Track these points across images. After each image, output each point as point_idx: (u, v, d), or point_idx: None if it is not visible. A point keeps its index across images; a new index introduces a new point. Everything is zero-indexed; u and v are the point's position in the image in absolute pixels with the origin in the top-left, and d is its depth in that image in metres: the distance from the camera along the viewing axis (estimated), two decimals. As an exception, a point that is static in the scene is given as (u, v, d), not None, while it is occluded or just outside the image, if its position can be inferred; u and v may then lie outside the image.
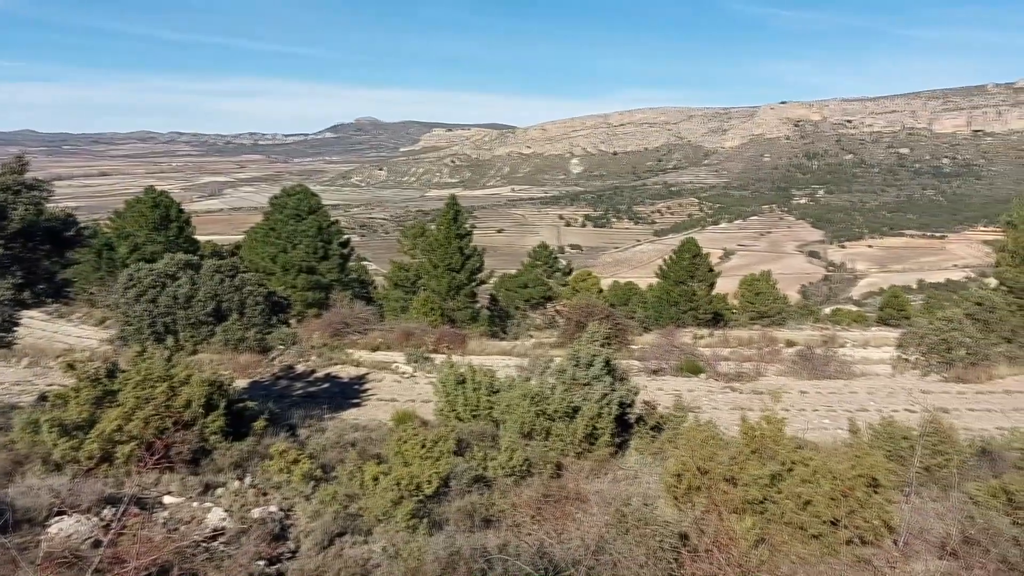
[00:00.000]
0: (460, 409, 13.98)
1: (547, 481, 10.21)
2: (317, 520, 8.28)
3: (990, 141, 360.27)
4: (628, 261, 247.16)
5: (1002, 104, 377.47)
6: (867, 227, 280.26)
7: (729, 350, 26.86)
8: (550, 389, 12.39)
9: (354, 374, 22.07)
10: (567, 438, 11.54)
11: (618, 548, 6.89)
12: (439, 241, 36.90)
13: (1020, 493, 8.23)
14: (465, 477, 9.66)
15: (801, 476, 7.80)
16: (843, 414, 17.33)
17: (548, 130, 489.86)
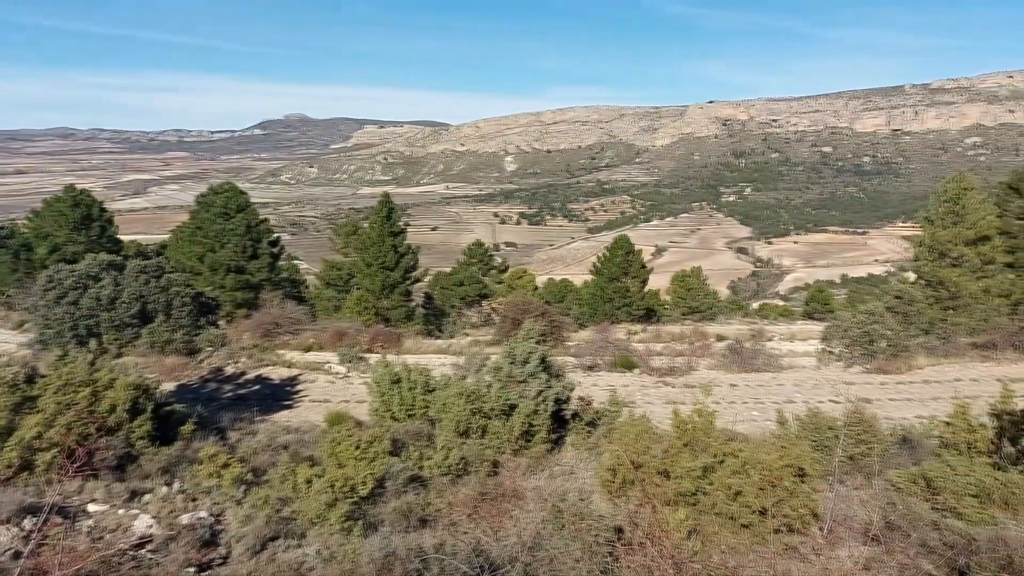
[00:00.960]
0: (395, 409, 13.86)
1: (484, 479, 10.19)
2: (249, 524, 8.13)
3: (908, 140, 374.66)
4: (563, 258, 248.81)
5: (919, 104, 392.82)
6: (793, 224, 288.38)
7: (662, 345, 27.27)
8: (486, 387, 12.37)
9: (286, 375, 21.69)
10: (504, 436, 11.54)
11: (554, 544, 6.92)
12: (372, 239, 36.49)
13: (938, 479, 8.55)
14: (401, 477, 9.58)
15: (732, 467, 7.96)
16: (771, 406, 17.75)
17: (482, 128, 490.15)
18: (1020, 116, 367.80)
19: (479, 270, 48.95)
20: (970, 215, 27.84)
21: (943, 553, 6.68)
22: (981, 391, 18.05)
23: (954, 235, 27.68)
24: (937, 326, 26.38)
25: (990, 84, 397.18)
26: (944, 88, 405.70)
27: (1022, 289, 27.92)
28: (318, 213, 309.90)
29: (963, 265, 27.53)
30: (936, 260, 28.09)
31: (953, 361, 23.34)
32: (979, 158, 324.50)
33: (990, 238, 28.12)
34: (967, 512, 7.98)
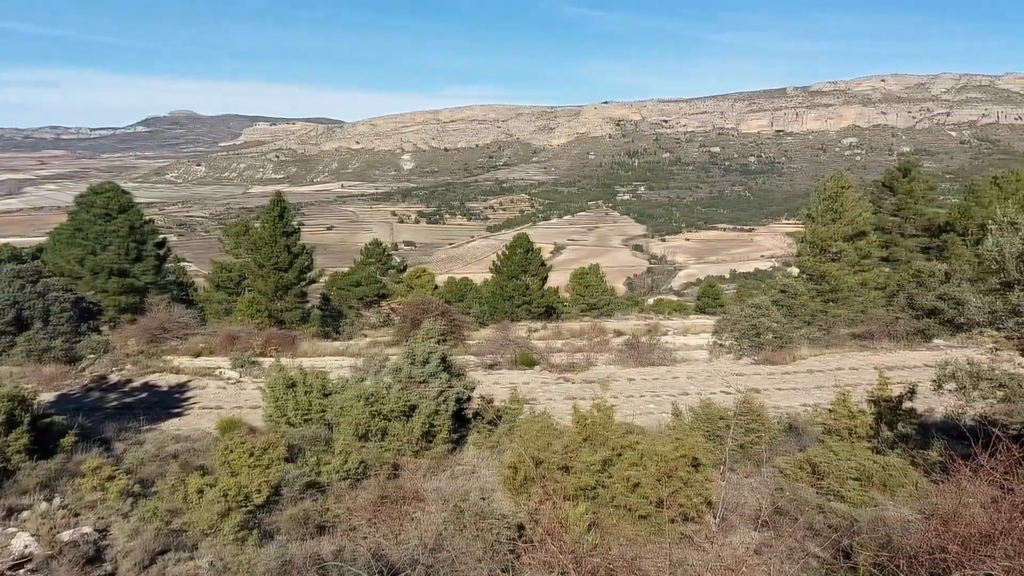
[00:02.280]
0: (291, 414, 13.48)
1: (384, 482, 10.03)
2: (136, 539, 7.79)
3: (790, 140, 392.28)
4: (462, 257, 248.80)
5: (800, 106, 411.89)
6: (684, 221, 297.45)
7: (562, 342, 27.57)
8: (386, 388, 12.18)
9: (174, 382, 20.81)
10: (404, 437, 11.39)
11: (456, 544, 6.87)
12: (264, 239, 35.42)
13: (823, 464, 8.94)
14: (297, 484, 9.32)
15: (630, 460, 8.09)
16: (667, 399, 18.18)
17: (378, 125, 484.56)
18: (892, 118, 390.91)
19: (377, 270, 48.28)
20: (848, 212, 29.30)
21: (828, 535, 6.96)
22: (860, 379, 18.99)
23: (833, 231, 29.07)
24: (819, 318, 27.66)
25: (865, 87, 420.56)
26: (823, 91, 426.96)
27: (896, 282, 29.60)
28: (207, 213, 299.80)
29: (842, 259, 28.96)
30: (817, 255, 29.45)
31: (834, 351, 24.48)
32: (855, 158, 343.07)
33: (866, 234, 29.70)
34: (850, 495, 8.36)
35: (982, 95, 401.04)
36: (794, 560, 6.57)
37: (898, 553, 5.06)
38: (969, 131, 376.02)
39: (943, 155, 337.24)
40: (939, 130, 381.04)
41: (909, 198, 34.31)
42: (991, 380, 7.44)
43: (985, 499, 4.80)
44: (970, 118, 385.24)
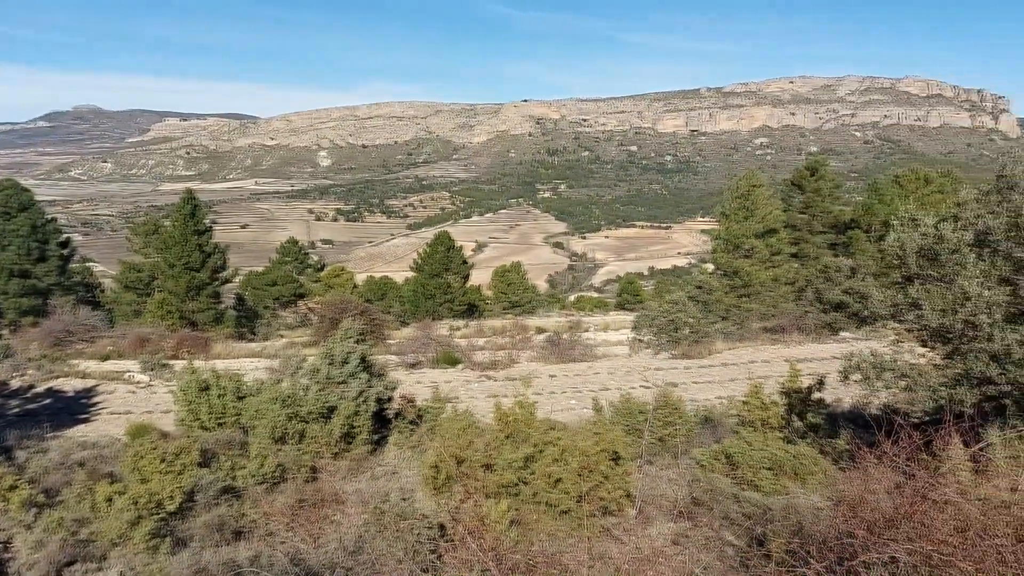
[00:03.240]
0: (204, 418, 13.07)
1: (302, 486, 9.83)
2: (41, 551, 7.46)
3: (705, 140, 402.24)
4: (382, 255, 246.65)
5: (714, 107, 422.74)
6: (604, 219, 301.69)
7: (484, 340, 27.57)
8: (303, 390, 11.93)
9: (81, 387, 19.94)
10: (323, 439, 11.18)
11: (377, 546, 6.78)
12: (175, 238, 34.29)
13: (737, 455, 9.16)
14: (212, 489, 9.05)
15: (552, 456, 8.13)
16: (588, 394, 18.35)
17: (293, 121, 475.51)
18: (801, 119, 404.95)
19: (294, 269, 47.42)
20: (759, 210, 30.21)
21: (743, 523, 7.14)
22: (772, 371, 19.56)
23: (746, 228, 29.93)
24: (733, 313, 28.44)
25: (775, 89, 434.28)
26: (735, 92, 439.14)
27: (805, 277, 30.66)
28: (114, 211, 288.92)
29: (754, 256, 29.85)
30: (731, 252, 30.27)
31: (748, 344, 25.19)
32: (766, 157, 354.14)
33: (777, 231, 30.69)
34: (763, 484, 8.59)
35: (884, 97, 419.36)
36: (710, 549, 6.72)
37: (809, 539, 5.22)
38: (872, 132, 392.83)
39: (848, 155, 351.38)
40: (844, 131, 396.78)
41: (817, 196, 35.55)
42: (894, 371, 7.75)
43: (889, 485, 4.98)
44: (873, 119, 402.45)
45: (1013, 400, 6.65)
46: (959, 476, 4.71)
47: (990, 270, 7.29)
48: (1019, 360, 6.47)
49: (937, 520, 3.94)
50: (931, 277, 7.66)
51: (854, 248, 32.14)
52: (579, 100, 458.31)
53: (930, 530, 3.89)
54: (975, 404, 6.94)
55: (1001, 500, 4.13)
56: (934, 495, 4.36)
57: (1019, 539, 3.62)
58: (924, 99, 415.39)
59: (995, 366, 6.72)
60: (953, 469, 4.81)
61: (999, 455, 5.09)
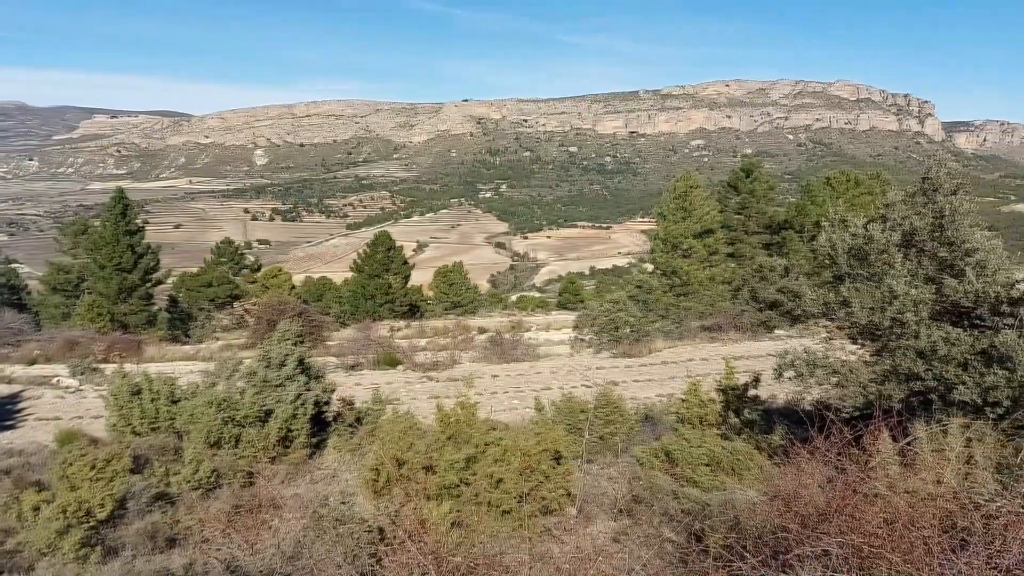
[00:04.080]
0: (136, 423, 12.70)
1: (238, 491, 9.63)
2: (-40, 566, 7.11)
3: (644, 141, 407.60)
4: (321, 256, 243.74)
5: (652, 109, 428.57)
6: (545, 219, 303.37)
7: (426, 340, 27.45)
8: (239, 393, 11.69)
9: (6, 392, 19.19)
10: (260, 443, 10.96)
11: (315, 551, 6.68)
12: (105, 239, 33.26)
13: (676, 452, 9.29)
14: (145, 496, 8.80)
15: (494, 456, 8.12)
16: (530, 394, 18.37)
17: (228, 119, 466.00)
18: (736, 121, 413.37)
19: (230, 269, 46.46)
20: (696, 210, 30.74)
21: (682, 520, 7.24)
22: (710, 369, 19.88)
23: (684, 229, 30.42)
24: (672, 312, 28.86)
25: (711, 92, 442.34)
26: (672, 94, 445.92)
27: (741, 276, 31.29)
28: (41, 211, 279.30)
29: (692, 256, 30.36)
30: (669, 251, 30.74)
31: (686, 343, 25.58)
32: (703, 159, 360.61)
33: (714, 231, 31.27)
34: (701, 480, 8.72)
35: (816, 101, 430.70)
36: (650, 546, 6.79)
37: (745, 534, 5.31)
38: (805, 134, 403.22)
39: (782, 157, 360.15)
40: (778, 133, 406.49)
41: (752, 197, 36.31)
42: (825, 367, 7.94)
43: (821, 479, 5.10)
44: (805, 122, 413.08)
45: (938, 395, 6.88)
46: (888, 470, 4.86)
47: (916, 269, 7.54)
48: (944, 356, 6.70)
49: (867, 513, 4.05)
50: (860, 276, 7.88)
51: (788, 248, 32.91)
52: (520, 100, 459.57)
53: (860, 523, 3.99)
54: (903, 399, 7.16)
55: (927, 492, 4.27)
56: (864, 488, 4.48)
57: (944, 530, 3.74)
58: (854, 103, 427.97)
59: (921, 362, 6.94)
60: (882, 463, 4.95)
61: (925, 449, 5.26)
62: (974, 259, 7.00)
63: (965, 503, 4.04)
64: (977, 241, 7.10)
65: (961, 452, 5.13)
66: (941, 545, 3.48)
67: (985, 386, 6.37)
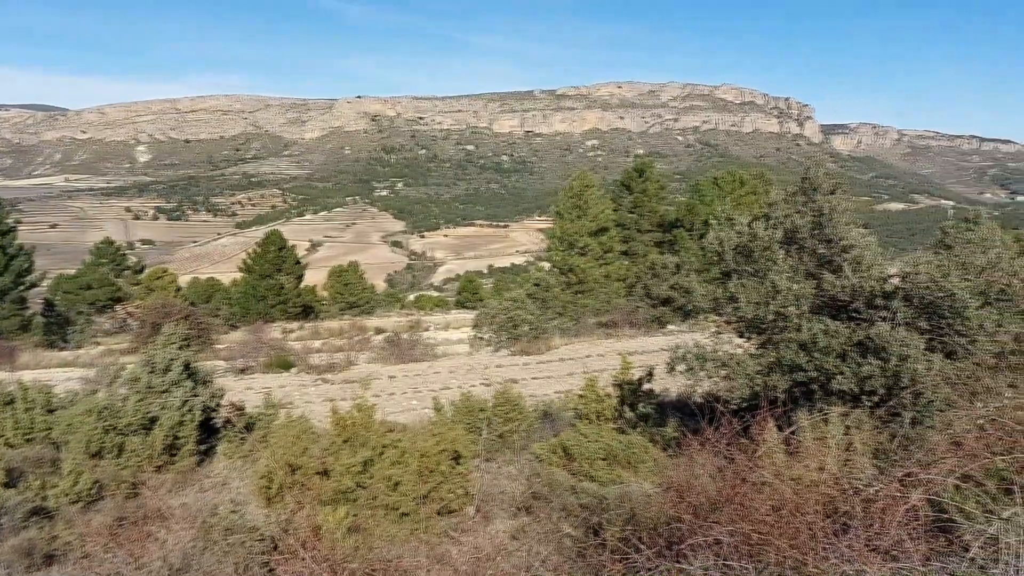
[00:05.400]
0: (10, 434, 11.93)
1: (122, 503, 9.18)
2: None
3: (539, 141, 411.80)
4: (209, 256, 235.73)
5: (547, 108, 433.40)
6: (443, 218, 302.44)
7: (320, 342, 26.92)
8: (122, 401, 11.14)
9: None
10: (144, 452, 10.48)
11: (205, 563, 6.43)
12: (-27, 239, 31.20)
13: (574, 447, 9.41)
14: (20, 511, 8.29)
15: (392, 459, 8.01)
16: (429, 394, 18.24)
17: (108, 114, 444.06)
18: (628, 122, 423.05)
19: (111, 271, 44.30)
20: (591, 209, 31.30)
21: (580, 514, 7.32)
22: (606, 365, 20.23)
23: (579, 227, 30.92)
24: (569, 309, 29.29)
25: (604, 93, 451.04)
26: (567, 95, 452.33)
27: (635, 273, 32.04)
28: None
29: (588, 254, 30.90)
30: (566, 250, 31.19)
31: (583, 339, 25.98)
32: (597, 158, 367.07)
33: (608, 229, 31.92)
34: (599, 475, 8.86)
35: (703, 103, 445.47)
36: (549, 542, 6.84)
37: (640, 526, 5.42)
38: (693, 136, 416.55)
39: (672, 157, 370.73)
40: (668, 134, 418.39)
41: (644, 196, 37.20)
42: (715, 361, 8.19)
43: (712, 469, 5.25)
44: (694, 124, 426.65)
45: (819, 385, 7.21)
46: (774, 458, 5.04)
47: (797, 265, 7.88)
48: (824, 348, 7.02)
49: (756, 501, 4.19)
50: (746, 272, 8.17)
51: (679, 246, 33.88)
52: (415, 98, 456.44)
53: (749, 511, 4.12)
54: (786, 390, 7.46)
55: (811, 479, 4.45)
56: (752, 477, 4.63)
57: (827, 515, 3.91)
58: (739, 106, 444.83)
59: (803, 354, 7.25)
60: (768, 452, 5.13)
61: (808, 437, 5.48)
62: (851, 255, 7.36)
63: (846, 488, 4.23)
64: (853, 238, 7.47)
65: (841, 439, 5.38)
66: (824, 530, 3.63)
67: (862, 376, 6.71)
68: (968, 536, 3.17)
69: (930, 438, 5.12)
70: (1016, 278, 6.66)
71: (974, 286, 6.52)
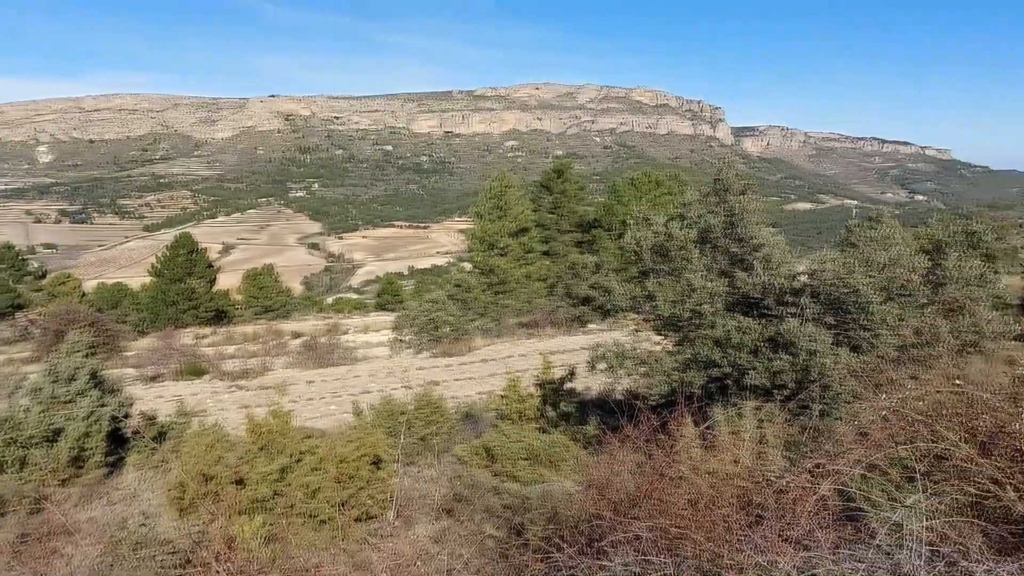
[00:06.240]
0: None
1: (25, 518, 8.73)
2: None
3: (459, 141, 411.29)
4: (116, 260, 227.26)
5: (466, 109, 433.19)
6: (361, 219, 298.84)
7: (235, 347, 26.27)
8: (23, 412, 10.61)
9: None
10: (48, 465, 10.00)
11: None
12: None
13: (496, 448, 9.41)
14: (-92, 534, 7.78)
15: (310, 465, 7.85)
16: (348, 398, 18.02)
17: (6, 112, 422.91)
18: (547, 124, 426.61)
19: (10, 277, 42.24)
20: (512, 210, 31.43)
21: (503, 515, 7.33)
22: (528, 364, 20.35)
23: (500, 228, 31.00)
24: (491, 309, 29.34)
25: (522, 94, 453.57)
26: (486, 96, 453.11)
27: (556, 273, 32.32)
28: None
29: (508, 254, 31.00)
30: (487, 250, 31.23)
31: (505, 340, 26.08)
32: (517, 159, 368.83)
33: (529, 230, 32.10)
34: (521, 474, 8.89)
35: (620, 106, 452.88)
36: (471, 543, 6.82)
37: (563, 524, 5.45)
38: (610, 137, 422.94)
39: (590, 158, 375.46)
40: (586, 136, 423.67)
41: (563, 197, 37.56)
42: (634, 358, 8.32)
43: (632, 466, 5.32)
44: (611, 126, 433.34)
45: (733, 380, 7.40)
46: (691, 453, 5.14)
47: (711, 264, 8.07)
48: (737, 344, 7.21)
49: (673, 496, 4.26)
50: (663, 271, 8.33)
51: (598, 245, 34.33)
52: (331, 97, 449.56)
53: (667, 505, 4.20)
54: (703, 385, 7.63)
55: (726, 473, 4.56)
56: (670, 472, 4.72)
57: (741, 507, 4.01)
58: (654, 108, 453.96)
59: (718, 350, 7.43)
60: (686, 447, 5.23)
61: (723, 431, 5.62)
62: (761, 254, 7.58)
63: (759, 480, 4.35)
64: (763, 237, 7.70)
65: (754, 433, 5.53)
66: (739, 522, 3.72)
67: (773, 370, 6.92)
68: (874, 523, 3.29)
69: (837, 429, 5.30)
70: (916, 274, 6.97)
71: (877, 282, 6.80)
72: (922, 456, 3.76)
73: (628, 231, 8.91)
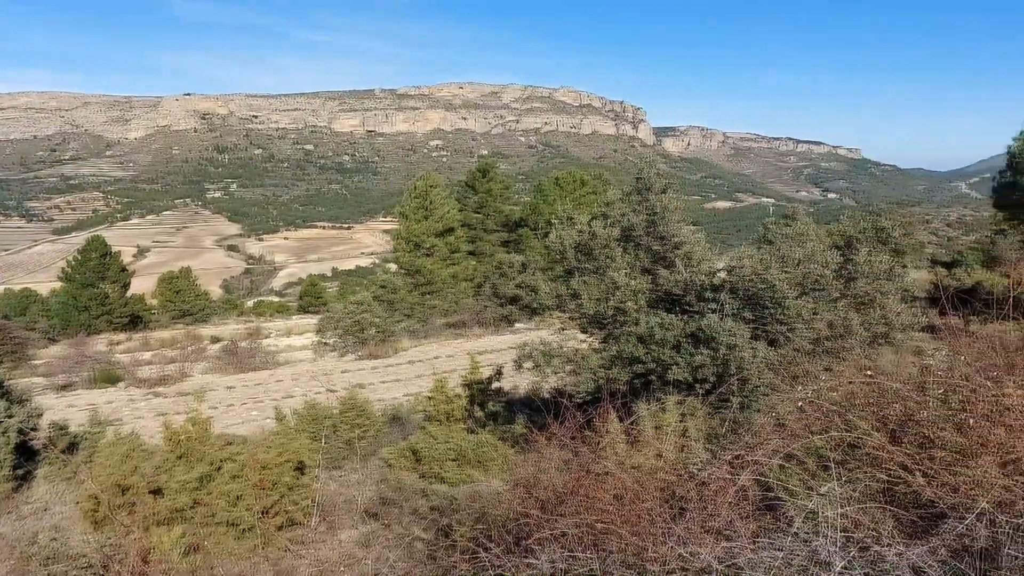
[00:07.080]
0: None
1: (-77, 540, 8.27)
2: None
3: (382, 141, 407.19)
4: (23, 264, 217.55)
5: (388, 108, 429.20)
6: (282, 220, 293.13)
7: (151, 353, 25.45)
8: (-80, 426, 10.06)
9: None
10: (-51, 482, 9.51)
11: (24, 599, 5.89)
12: None
13: (423, 450, 9.36)
14: None
15: (231, 473, 7.66)
16: (270, 403, 17.65)
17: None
18: (472, 123, 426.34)
19: (-94, 284, 39.97)
20: (437, 210, 31.30)
21: (430, 517, 7.29)
22: (456, 365, 20.28)
23: (425, 228, 30.84)
24: (417, 310, 29.17)
25: (446, 93, 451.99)
26: (409, 94, 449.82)
27: (482, 273, 32.33)
28: None
29: (434, 254, 30.87)
30: (412, 251, 31.02)
31: (432, 341, 25.97)
32: (442, 159, 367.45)
33: (454, 229, 32.02)
34: (449, 476, 8.86)
35: (543, 105, 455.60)
36: (399, 546, 6.76)
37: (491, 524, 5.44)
38: (535, 137, 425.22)
39: (515, 158, 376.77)
40: (511, 135, 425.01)
41: (489, 196, 37.64)
42: (560, 356, 8.38)
43: (559, 463, 5.35)
44: (535, 125, 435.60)
45: (657, 376, 7.52)
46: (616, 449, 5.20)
47: (634, 262, 8.19)
48: (660, 340, 7.34)
49: (599, 491, 4.30)
50: (587, 269, 8.41)
51: (524, 244, 34.51)
52: (249, 96, 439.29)
53: (594, 501, 4.23)
54: (627, 381, 7.74)
55: (650, 467, 4.63)
56: (596, 468, 4.76)
57: (665, 500, 4.08)
58: (577, 108, 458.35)
59: (641, 347, 7.54)
60: (611, 443, 5.29)
61: (647, 426, 5.71)
62: (682, 251, 7.74)
63: (682, 473, 4.44)
64: (684, 235, 7.86)
65: (677, 427, 5.64)
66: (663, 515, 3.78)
67: (695, 365, 7.07)
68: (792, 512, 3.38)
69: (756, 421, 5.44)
70: (828, 269, 7.23)
71: (792, 278, 7.02)
72: (836, 445, 3.89)
73: (553, 230, 8.96)
